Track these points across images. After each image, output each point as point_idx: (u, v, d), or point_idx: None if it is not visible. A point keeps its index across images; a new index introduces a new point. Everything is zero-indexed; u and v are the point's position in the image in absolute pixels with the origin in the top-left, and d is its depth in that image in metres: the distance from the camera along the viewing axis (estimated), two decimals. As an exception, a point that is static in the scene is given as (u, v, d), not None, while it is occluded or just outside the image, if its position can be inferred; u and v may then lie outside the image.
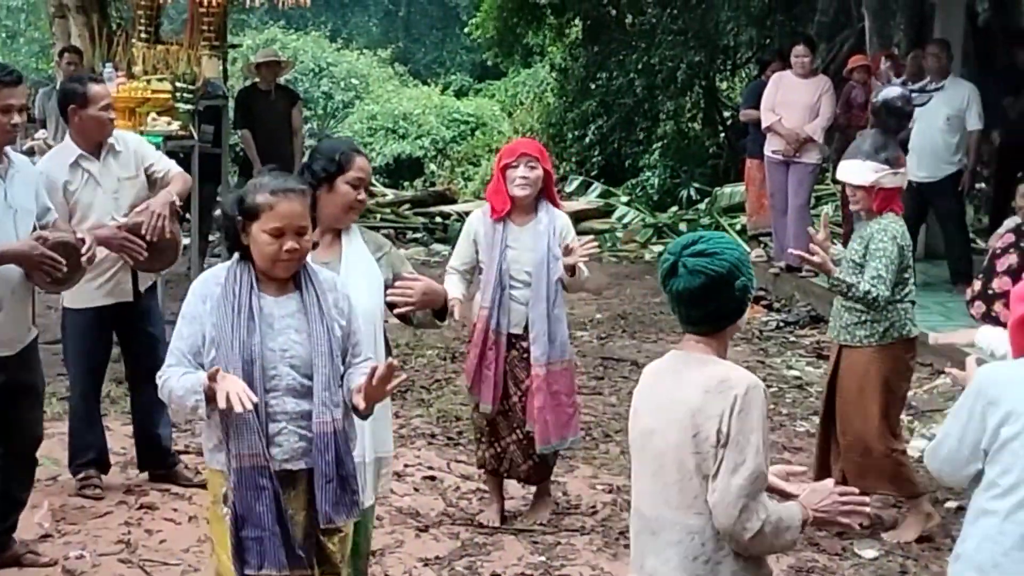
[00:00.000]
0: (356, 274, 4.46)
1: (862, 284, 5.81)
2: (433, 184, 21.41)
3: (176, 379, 3.86)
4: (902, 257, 5.91)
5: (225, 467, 3.88)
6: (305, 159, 4.48)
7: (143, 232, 6.06)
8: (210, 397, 3.74)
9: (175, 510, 6.29)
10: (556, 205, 6.11)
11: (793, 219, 11.17)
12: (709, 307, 3.34)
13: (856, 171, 6.01)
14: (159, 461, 6.70)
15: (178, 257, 6.65)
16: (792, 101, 11.07)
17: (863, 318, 5.98)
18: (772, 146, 11.24)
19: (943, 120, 10.14)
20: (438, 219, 16.63)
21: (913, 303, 6.09)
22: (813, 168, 11.00)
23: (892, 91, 6.59)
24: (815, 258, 5.77)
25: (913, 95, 6.57)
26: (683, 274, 3.31)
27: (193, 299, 3.95)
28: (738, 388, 3.26)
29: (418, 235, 16.01)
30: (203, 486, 6.57)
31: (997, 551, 3.47)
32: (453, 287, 5.79)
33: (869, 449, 6.06)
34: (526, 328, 6.00)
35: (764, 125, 11.23)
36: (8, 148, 5.28)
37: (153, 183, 6.34)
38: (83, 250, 5.35)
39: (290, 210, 3.85)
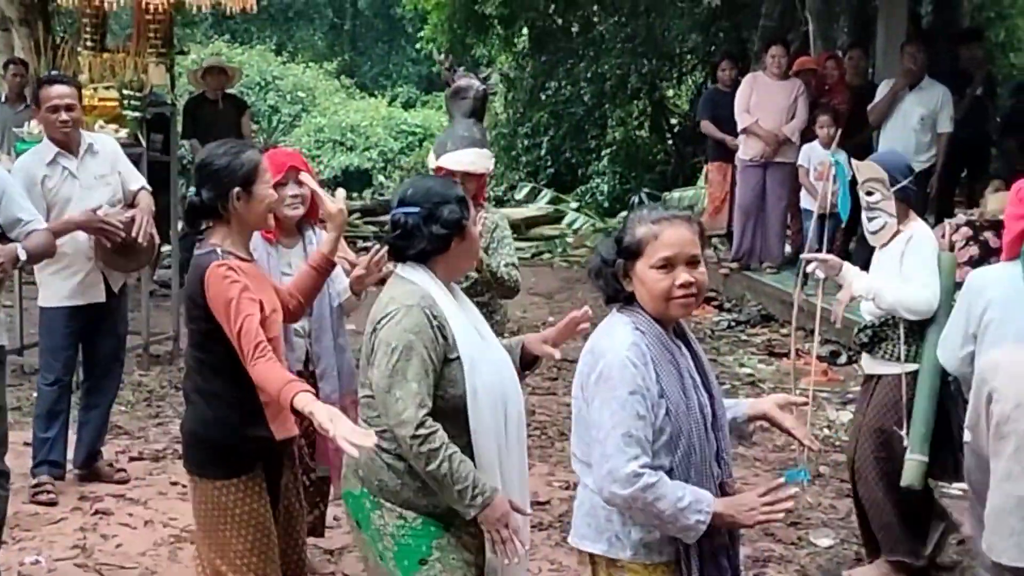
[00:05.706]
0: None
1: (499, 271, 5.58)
2: (382, 194, 21.40)
3: (671, 489, 3.23)
4: None
5: (672, 557, 3.36)
6: (413, 212, 3.89)
7: (133, 231, 6.29)
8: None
9: (130, 515, 6.26)
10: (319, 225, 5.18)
11: (777, 219, 11.28)
12: None
13: (479, 160, 5.63)
14: (91, 457, 6.79)
15: (152, 259, 6.89)
16: (768, 103, 11.00)
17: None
18: (748, 150, 11.13)
19: (917, 119, 10.21)
20: (388, 228, 16.66)
21: None
22: (791, 168, 10.89)
23: (470, 80, 6.59)
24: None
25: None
26: None
27: (631, 373, 3.28)
28: None
29: (368, 243, 16.01)
30: (123, 482, 6.67)
31: None
32: None
33: None
34: (306, 363, 5.16)
35: (740, 127, 11.11)
36: None
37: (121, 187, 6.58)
38: None
39: (679, 237, 3.34)
